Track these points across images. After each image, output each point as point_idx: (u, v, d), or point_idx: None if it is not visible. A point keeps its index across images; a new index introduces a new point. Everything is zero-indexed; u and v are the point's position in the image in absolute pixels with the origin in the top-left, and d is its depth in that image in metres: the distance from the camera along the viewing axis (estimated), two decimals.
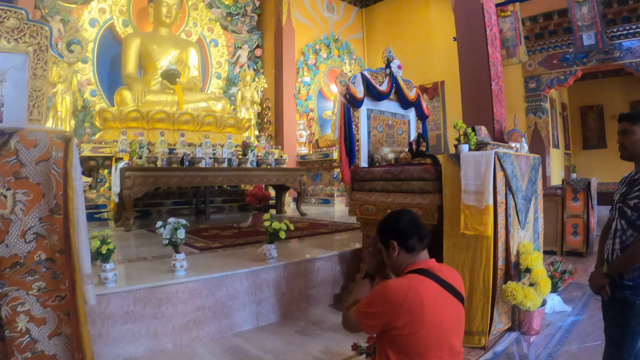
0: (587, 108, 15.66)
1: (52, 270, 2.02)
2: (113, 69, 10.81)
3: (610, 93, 14.99)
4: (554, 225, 7.34)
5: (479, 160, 3.58)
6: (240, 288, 4.20)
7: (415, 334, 1.90)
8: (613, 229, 2.45)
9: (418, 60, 13.25)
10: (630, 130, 2.37)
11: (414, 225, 2.18)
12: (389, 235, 2.20)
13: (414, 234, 2.15)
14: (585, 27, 9.29)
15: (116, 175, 7.38)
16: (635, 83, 13.23)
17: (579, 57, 10.75)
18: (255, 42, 13.39)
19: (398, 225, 2.19)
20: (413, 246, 2.14)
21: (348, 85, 4.67)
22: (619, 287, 2.30)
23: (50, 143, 1.99)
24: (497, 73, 8.59)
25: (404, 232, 2.15)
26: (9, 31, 3.59)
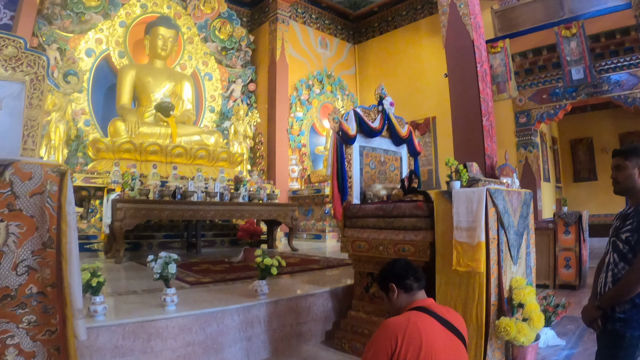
0: (577, 141, 15.85)
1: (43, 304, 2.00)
2: (107, 99, 10.87)
3: (600, 126, 15.22)
4: (546, 258, 7.35)
5: (470, 196, 3.60)
6: (231, 324, 4.15)
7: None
8: (606, 263, 2.48)
9: (410, 96, 13.41)
10: (622, 165, 2.42)
11: (409, 268, 2.44)
12: (387, 280, 2.43)
13: (410, 275, 2.38)
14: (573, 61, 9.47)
15: (108, 206, 7.34)
16: (624, 115, 13.41)
17: (568, 91, 10.91)
18: (249, 77, 13.52)
19: (394, 269, 2.44)
20: (410, 286, 2.37)
21: (341, 122, 4.70)
22: (610, 319, 2.32)
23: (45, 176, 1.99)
24: (488, 109, 8.71)
25: (401, 273, 2.39)
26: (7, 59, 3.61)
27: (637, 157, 2.42)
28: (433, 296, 3.73)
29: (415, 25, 14.38)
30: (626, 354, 2.27)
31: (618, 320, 2.29)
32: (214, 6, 12.73)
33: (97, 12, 10.70)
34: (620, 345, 2.28)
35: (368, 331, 4.36)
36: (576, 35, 9.33)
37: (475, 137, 8.36)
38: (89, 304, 3.46)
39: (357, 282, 4.76)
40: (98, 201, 8.35)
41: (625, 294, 2.26)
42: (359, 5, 15.37)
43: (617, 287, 2.31)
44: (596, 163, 15.57)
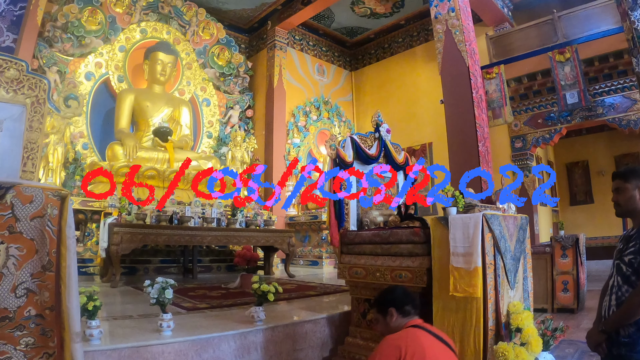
0: (573, 164, 15.91)
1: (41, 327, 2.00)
2: (106, 122, 10.92)
3: (595, 148, 15.29)
4: (543, 282, 7.35)
5: (467, 222, 3.62)
6: (227, 350, 4.12)
7: None
8: (610, 286, 2.47)
9: (406, 122, 13.51)
10: (623, 187, 2.44)
11: (408, 294, 2.72)
12: (388, 305, 2.65)
13: (410, 301, 2.64)
14: (568, 85, 9.59)
15: (104, 230, 7.33)
16: (619, 137, 13.49)
17: (563, 115, 10.99)
18: (246, 103, 13.61)
19: (395, 295, 2.68)
20: (409, 311, 2.61)
21: (338, 149, 4.74)
22: (615, 344, 2.29)
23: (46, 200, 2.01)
24: (484, 134, 8.78)
25: (402, 300, 2.64)
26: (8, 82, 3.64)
27: (637, 179, 2.43)
28: (430, 322, 3.74)
29: (411, 52, 14.55)
30: None
31: (623, 345, 2.26)
32: (212, 32, 12.87)
33: (98, 36, 10.81)
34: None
35: (365, 357, 4.33)
36: (570, 59, 9.47)
37: (471, 162, 8.40)
38: (85, 327, 3.43)
39: (354, 309, 4.75)
40: (95, 225, 8.34)
41: (629, 317, 2.24)
42: (355, 32, 15.56)
43: (621, 310, 2.30)
44: (592, 186, 15.61)
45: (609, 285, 2.52)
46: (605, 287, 2.59)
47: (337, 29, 15.36)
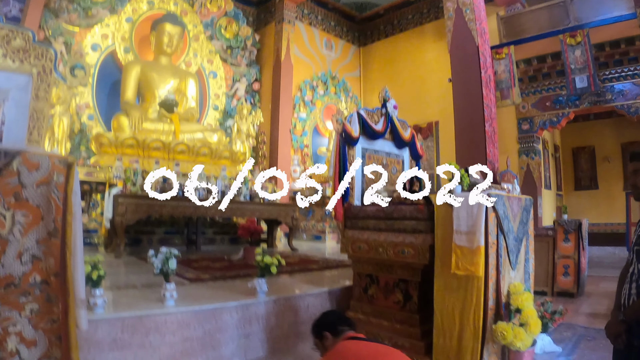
0: (579, 149, 15.85)
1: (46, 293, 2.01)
2: (112, 94, 10.90)
3: (602, 135, 15.21)
4: (545, 265, 7.35)
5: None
6: (229, 321, 4.17)
7: None
8: (630, 273, 2.32)
9: (413, 100, 13.41)
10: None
11: (342, 317, 2.96)
12: (321, 329, 2.80)
13: (342, 323, 2.81)
14: (578, 70, 9.51)
15: (109, 201, 7.36)
16: (627, 125, 13.43)
17: (572, 99, 10.92)
18: (253, 76, 13.55)
19: (329, 319, 2.87)
20: (342, 330, 2.71)
21: (344, 123, 4.72)
22: (636, 334, 2.16)
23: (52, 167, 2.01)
24: (491, 114, 8.73)
25: (334, 322, 2.80)
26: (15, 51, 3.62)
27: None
28: (431, 300, 3.77)
29: (420, 30, 14.40)
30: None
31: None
32: (220, 4, 12.76)
33: (104, 7, 10.73)
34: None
35: (366, 332, 4.37)
36: (581, 43, 9.37)
37: (477, 142, 8.37)
38: (89, 296, 3.47)
39: (356, 283, 4.77)
40: (100, 195, 8.38)
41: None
42: (364, 7, 15.40)
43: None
44: (597, 172, 15.57)
45: (628, 272, 2.36)
46: (624, 274, 2.43)
47: (347, 4, 15.21)
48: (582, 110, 11.24)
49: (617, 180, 15.14)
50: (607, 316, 5.60)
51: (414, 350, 3.90)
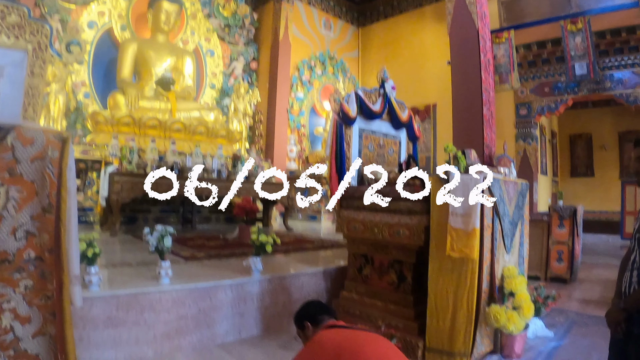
0: (577, 136, 15.89)
1: (40, 269, 2.01)
2: (108, 72, 10.79)
3: (600, 123, 15.24)
4: (539, 251, 7.39)
5: (467, 183, 3.62)
6: (224, 299, 4.19)
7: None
8: (631, 261, 2.29)
9: (411, 82, 13.33)
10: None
11: (322, 306, 2.94)
12: (302, 319, 2.79)
13: (323, 312, 2.80)
14: (578, 56, 9.47)
15: (105, 179, 7.33)
16: (625, 113, 13.44)
17: (571, 86, 10.89)
18: (251, 55, 13.44)
19: (309, 310, 2.85)
20: (322, 319, 2.70)
21: (342, 103, 4.70)
22: (637, 323, 2.14)
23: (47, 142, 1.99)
24: (489, 98, 8.70)
25: (314, 312, 2.79)
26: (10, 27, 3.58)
27: None
28: (425, 281, 3.79)
29: (420, 11, 14.26)
30: None
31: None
32: None
33: None
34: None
35: (360, 312, 4.41)
36: (582, 30, 9.32)
37: (475, 125, 8.36)
38: (84, 274, 3.47)
39: (351, 263, 4.79)
40: (95, 174, 8.34)
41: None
42: None
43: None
44: (594, 159, 15.64)
45: (629, 260, 2.33)
46: (625, 260, 2.40)
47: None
48: (580, 97, 11.21)
49: (613, 168, 15.20)
50: (599, 303, 5.71)
51: (407, 331, 3.93)
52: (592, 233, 13.62)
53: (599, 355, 3.92)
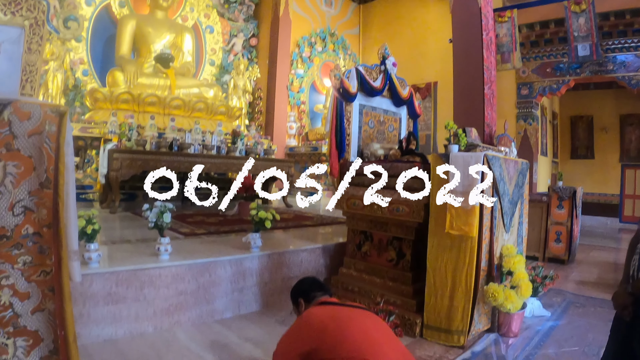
0: (577, 118, 15.84)
1: (38, 245, 2.00)
2: (106, 49, 10.70)
3: (601, 105, 15.18)
4: (537, 231, 7.41)
5: (468, 161, 3.61)
6: (223, 275, 4.20)
7: None
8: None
9: (413, 59, 13.25)
10: None
11: (316, 282, 2.92)
12: (296, 296, 2.83)
13: (316, 289, 2.80)
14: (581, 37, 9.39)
15: (104, 156, 7.32)
16: (627, 96, 13.39)
17: (573, 67, 10.85)
18: (251, 31, 13.33)
19: (302, 286, 2.87)
20: (314, 296, 2.73)
21: (342, 79, 4.67)
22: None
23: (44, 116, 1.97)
24: (491, 77, 8.64)
25: (308, 289, 2.81)
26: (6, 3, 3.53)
27: None
28: (424, 259, 3.80)
29: None
30: None
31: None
32: None
33: None
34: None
35: (358, 288, 4.43)
36: (585, 11, 9.23)
37: (475, 104, 8.32)
38: (84, 251, 3.48)
39: (350, 240, 4.81)
40: (94, 151, 8.31)
41: None
42: None
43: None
44: (595, 142, 15.61)
45: (638, 242, 2.33)
46: (634, 243, 2.39)
47: None
48: (582, 78, 11.19)
49: (614, 151, 15.19)
50: (596, 284, 5.75)
51: (405, 308, 3.95)
52: (590, 215, 13.69)
53: (594, 335, 3.95)
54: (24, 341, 1.98)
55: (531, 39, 11.41)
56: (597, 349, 3.60)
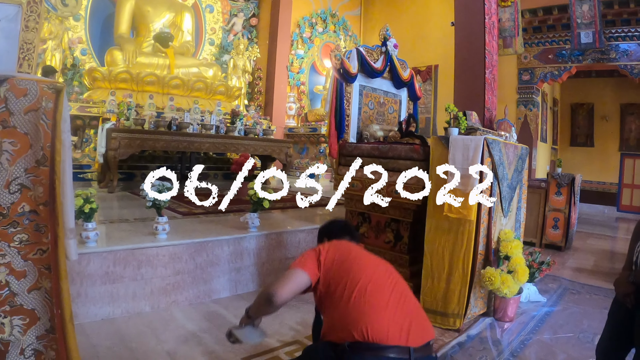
0: (578, 105, 15.79)
1: (35, 223, 1.98)
2: (105, 28, 10.61)
3: (602, 93, 15.13)
4: (535, 217, 7.42)
5: (467, 144, 3.59)
6: (221, 255, 4.21)
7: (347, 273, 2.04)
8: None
9: (414, 42, 13.16)
10: None
11: (348, 227, 2.69)
12: (323, 235, 2.65)
13: (346, 234, 2.57)
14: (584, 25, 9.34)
15: (102, 135, 7.29)
16: (628, 85, 13.35)
17: (575, 54, 10.79)
18: (251, 11, 13.22)
19: (332, 227, 2.67)
20: (341, 239, 2.44)
21: (343, 59, 4.64)
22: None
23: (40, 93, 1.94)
24: (492, 62, 8.57)
25: (338, 231, 2.58)
26: None
27: None
28: (421, 242, 3.81)
29: None
30: None
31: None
32: None
33: None
34: None
35: None
36: None
37: (476, 88, 8.25)
38: (81, 230, 3.47)
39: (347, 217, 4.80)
40: (93, 131, 8.29)
41: None
42: None
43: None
44: (595, 129, 15.59)
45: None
46: (638, 231, 2.40)
47: None
48: (584, 66, 11.12)
49: (614, 139, 15.18)
50: (592, 272, 5.79)
51: None
52: (588, 203, 13.73)
53: (589, 322, 3.97)
54: (20, 320, 1.97)
55: (534, 24, 11.33)
56: (591, 336, 3.62)
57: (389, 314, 1.90)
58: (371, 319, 1.86)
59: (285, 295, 1.99)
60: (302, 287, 2.06)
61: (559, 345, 3.47)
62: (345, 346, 1.84)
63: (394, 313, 1.91)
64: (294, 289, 2.03)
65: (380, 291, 1.98)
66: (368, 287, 1.97)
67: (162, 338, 3.20)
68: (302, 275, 2.06)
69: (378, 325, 1.84)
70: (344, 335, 1.87)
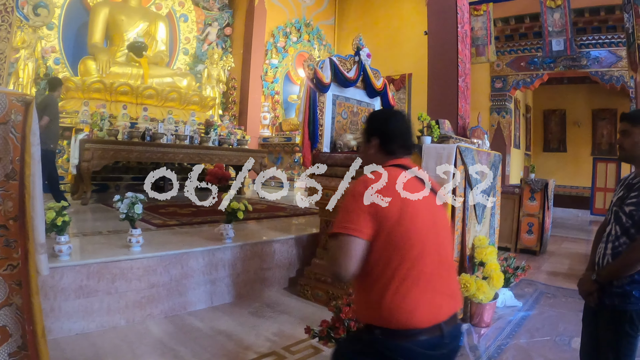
0: (550, 112, 16.06)
1: (5, 238, 1.95)
2: (79, 37, 10.50)
3: (574, 99, 15.41)
4: (509, 222, 7.51)
5: (440, 152, 3.63)
6: (195, 267, 4.18)
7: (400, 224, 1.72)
8: (607, 233, 2.35)
9: (387, 51, 13.27)
10: (630, 131, 2.28)
11: (404, 131, 2.05)
12: (373, 133, 2.05)
13: (400, 141, 2.01)
14: (555, 32, 9.50)
15: (75, 146, 7.20)
16: (599, 91, 13.62)
17: (547, 61, 10.99)
18: (225, 21, 13.21)
19: (389, 125, 2.04)
20: (393, 151, 2.00)
21: (315, 69, 4.65)
22: (608, 294, 2.22)
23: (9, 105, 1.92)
24: (465, 70, 8.68)
25: (389, 135, 2.01)
26: None
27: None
28: None
29: None
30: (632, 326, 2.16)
31: (616, 295, 2.19)
32: None
33: None
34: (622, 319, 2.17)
35: (331, 280, 4.43)
36: (561, 7, 9.34)
37: (449, 96, 8.35)
38: (54, 243, 3.42)
39: (323, 231, 4.80)
40: (66, 142, 8.18)
41: (625, 271, 2.16)
42: None
43: (617, 262, 2.20)
44: (567, 135, 15.86)
45: (604, 231, 2.39)
46: (600, 231, 2.47)
47: None
48: (556, 73, 11.33)
49: (586, 145, 15.46)
50: (567, 275, 5.86)
51: None
52: (562, 207, 13.96)
53: (565, 325, 4.03)
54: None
55: (506, 32, 11.51)
56: (567, 339, 3.67)
57: (429, 295, 1.70)
58: (412, 306, 1.66)
59: (353, 271, 1.70)
60: (363, 255, 1.72)
61: (535, 349, 3.51)
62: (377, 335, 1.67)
63: (433, 291, 1.71)
64: (357, 264, 1.71)
65: (427, 267, 1.72)
66: (417, 264, 1.70)
67: (137, 352, 3.16)
68: (359, 245, 1.71)
69: (419, 313, 1.65)
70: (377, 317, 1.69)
